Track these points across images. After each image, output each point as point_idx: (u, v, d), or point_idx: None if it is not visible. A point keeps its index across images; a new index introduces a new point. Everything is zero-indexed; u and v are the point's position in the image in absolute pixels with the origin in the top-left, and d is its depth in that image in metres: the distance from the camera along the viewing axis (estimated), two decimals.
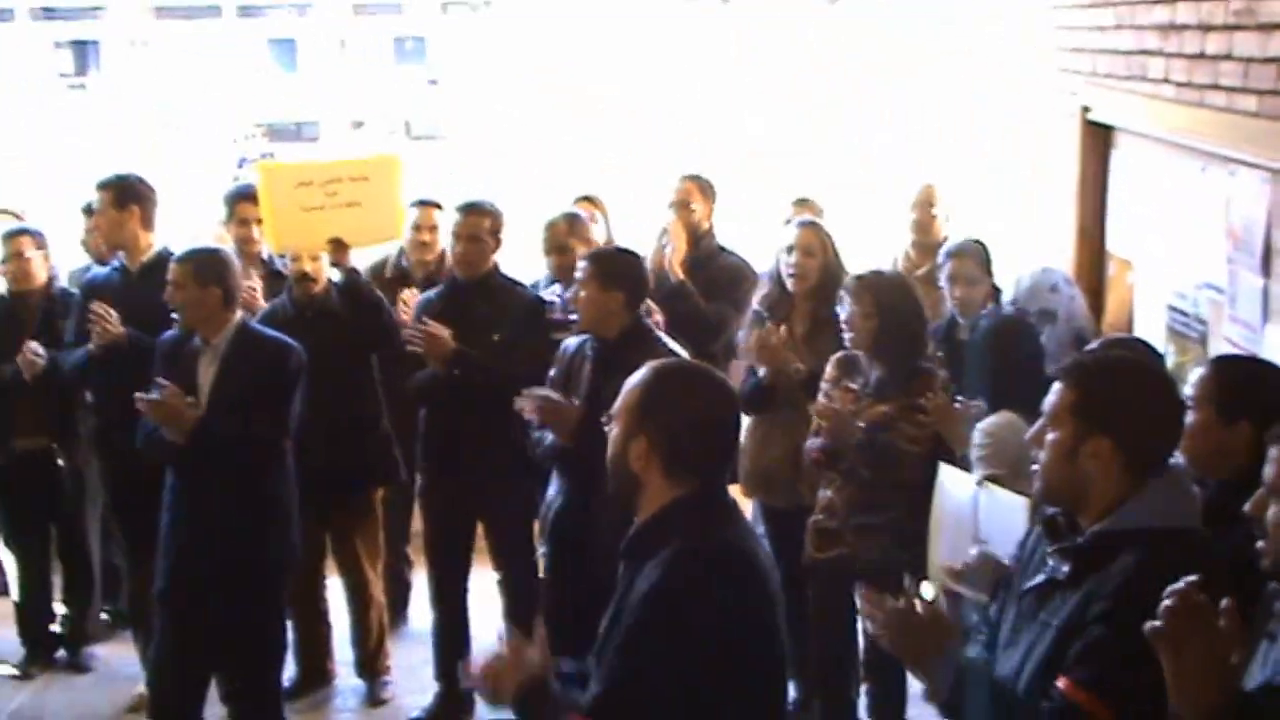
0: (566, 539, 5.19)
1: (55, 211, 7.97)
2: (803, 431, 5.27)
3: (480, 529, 6.15)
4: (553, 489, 5.31)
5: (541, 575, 5.72)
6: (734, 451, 3.12)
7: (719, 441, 3.07)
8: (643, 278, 5.19)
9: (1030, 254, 6.33)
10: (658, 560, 2.88)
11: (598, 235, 6.77)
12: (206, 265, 5.21)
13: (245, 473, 5.15)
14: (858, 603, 3.13)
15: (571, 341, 5.29)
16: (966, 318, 5.67)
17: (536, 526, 6.15)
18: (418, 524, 6.53)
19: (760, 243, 6.84)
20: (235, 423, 5.06)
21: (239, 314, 5.29)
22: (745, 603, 2.89)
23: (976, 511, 4.37)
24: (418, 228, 6.69)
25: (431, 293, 6.11)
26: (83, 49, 39.80)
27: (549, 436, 5.16)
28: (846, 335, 5.14)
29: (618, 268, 5.11)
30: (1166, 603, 2.38)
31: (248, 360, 5.18)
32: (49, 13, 38.37)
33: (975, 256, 5.85)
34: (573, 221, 6.26)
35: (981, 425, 4.57)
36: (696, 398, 3.03)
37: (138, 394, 4.98)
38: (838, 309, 5.18)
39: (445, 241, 6.54)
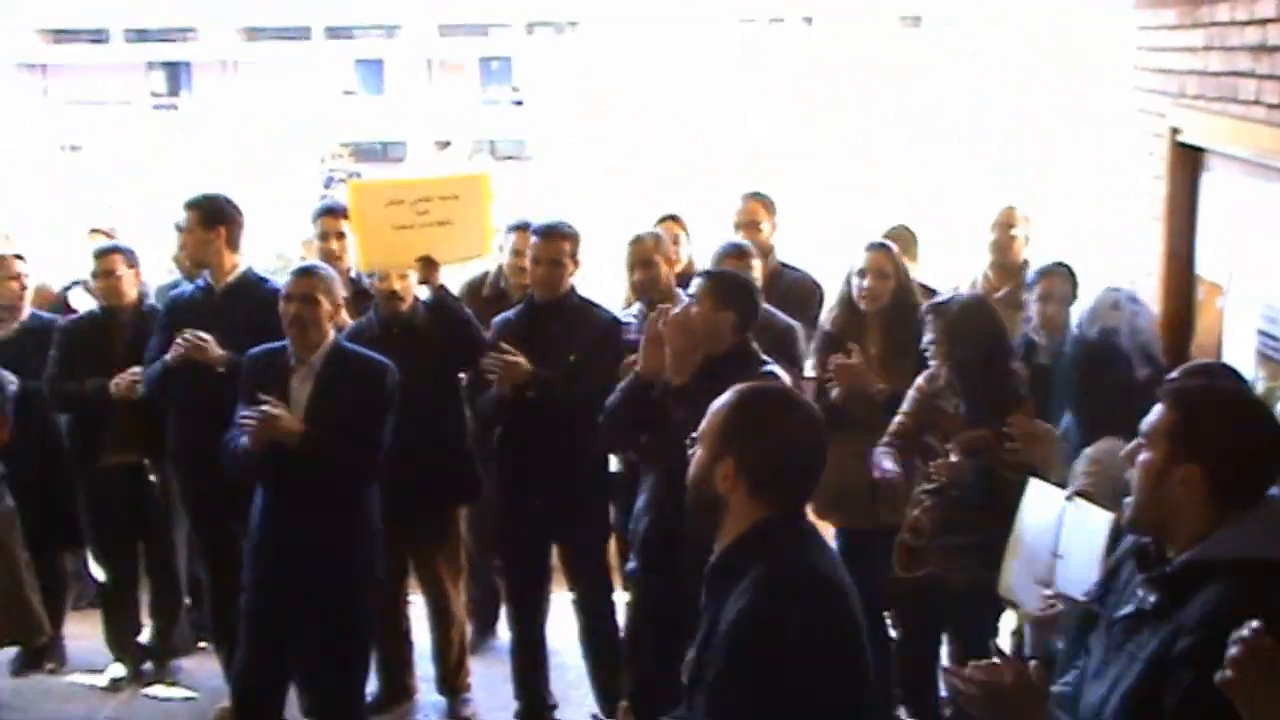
0: (655, 555, 5.20)
1: (147, 229, 8.09)
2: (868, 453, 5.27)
3: (556, 549, 6.16)
4: (640, 503, 5.31)
5: (627, 592, 5.72)
6: (819, 474, 3.10)
7: (805, 464, 3.07)
8: (755, 300, 5.12)
9: (1111, 277, 6.25)
10: (744, 586, 2.88)
11: (682, 254, 6.79)
12: (333, 282, 5.31)
13: (335, 491, 5.19)
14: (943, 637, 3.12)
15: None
16: (1050, 338, 5.63)
17: (613, 544, 6.19)
18: None
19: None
20: (334, 441, 5.10)
21: (333, 332, 5.35)
22: (833, 627, 2.90)
23: (1060, 526, 4.33)
24: (517, 253, 6.61)
25: (510, 313, 6.13)
26: (174, 70, 40.40)
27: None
28: (931, 362, 5.13)
29: (732, 288, 5.07)
30: (1232, 651, 2.35)
31: (344, 379, 5.22)
32: (142, 34, 38.97)
33: (1067, 277, 5.83)
34: (658, 239, 6.27)
35: (1088, 451, 4.50)
36: (783, 420, 3.04)
37: (244, 411, 5.00)
38: (925, 335, 5.17)
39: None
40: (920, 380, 5.27)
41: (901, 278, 5.89)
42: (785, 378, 4.98)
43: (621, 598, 6.04)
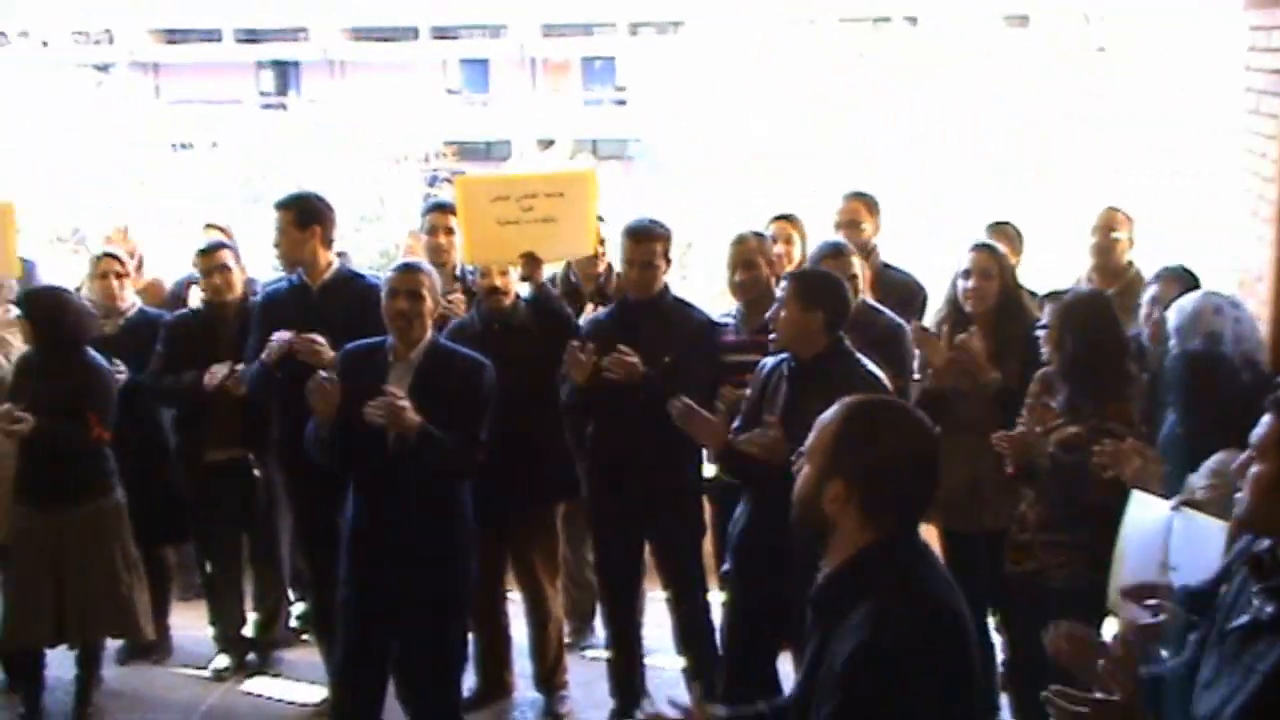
0: (752, 558, 5.16)
1: (256, 227, 8.18)
2: (984, 455, 5.18)
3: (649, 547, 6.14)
4: (740, 507, 5.28)
5: (724, 594, 5.69)
6: (934, 492, 3.00)
7: (919, 483, 2.95)
8: (844, 299, 5.08)
9: (1215, 281, 6.11)
10: (856, 619, 2.78)
11: (795, 255, 6.74)
12: (435, 278, 5.33)
13: (430, 487, 5.19)
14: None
15: (769, 360, 5.24)
16: (1153, 344, 5.52)
17: (709, 544, 6.16)
18: None
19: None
20: (446, 437, 5.09)
21: (432, 330, 5.36)
22: (948, 663, 2.81)
23: (1168, 537, 4.23)
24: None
25: (600, 313, 6.12)
26: (283, 69, 40.95)
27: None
28: (1044, 354, 5.06)
29: (819, 287, 5.04)
30: None
31: (442, 376, 5.21)
32: (252, 34, 39.55)
33: (1182, 281, 5.70)
34: (761, 239, 6.22)
35: (1209, 464, 4.38)
36: (896, 437, 2.91)
37: (368, 403, 4.99)
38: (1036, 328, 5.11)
39: (610, 257, 6.59)
40: (1034, 385, 5.18)
41: (1007, 278, 5.81)
42: (884, 378, 4.96)
43: (718, 597, 6.01)
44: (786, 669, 5.24)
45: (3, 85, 28.24)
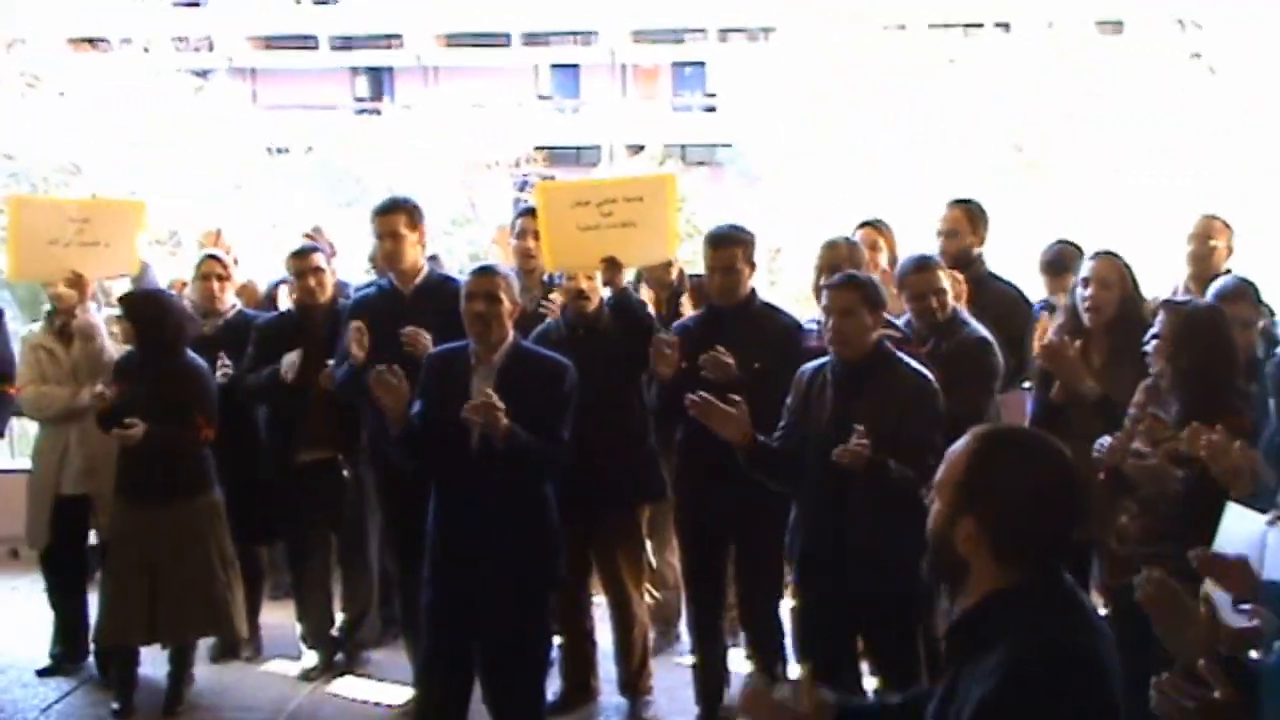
0: (813, 560, 5.16)
1: (348, 231, 8.27)
2: (1089, 464, 5.12)
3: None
4: (793, 518, 5.28)
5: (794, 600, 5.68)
6: (1074, 531, 2.79)
7: (1058, 523, 2.74)
8: (884, 300, 5.16)
9: None
10: (990, 664, 2.62)
11: (882, 261, 6.70)
12: (512, 280, 5.36)
13: (514, 489, 5.20)
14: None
15: (808, 367, 5.25)
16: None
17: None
18: None
19: None
20: (533, 440, 5.11)
21: (513, 332, 5.37)
22: (1087, 713, 2.64)
23: (1263, 550, 4.15)
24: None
25: (689, 318, 6.11)
26: (378, 75, 41.31)
27: None
28: (1150, 363, 4.98)
29: (877, 293, 5.10)
30: None
31: (524, 379, 5.21)
32: (347, 40, 39.95)
33: (1245, 298, 5.61)
34: (852, 246, 6.19)
35: None
36: (1033, 473, 2.70)
37: (467, 405, 5.01)
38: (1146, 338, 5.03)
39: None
40: (1138, 395, 5.09)
41: (1127, 287, 5.65)
42: (930, 376, 5.04)
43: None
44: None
45: (106, 91, 28.72)
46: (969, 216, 6.75)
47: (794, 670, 5.63)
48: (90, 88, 28.75)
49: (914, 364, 5.11)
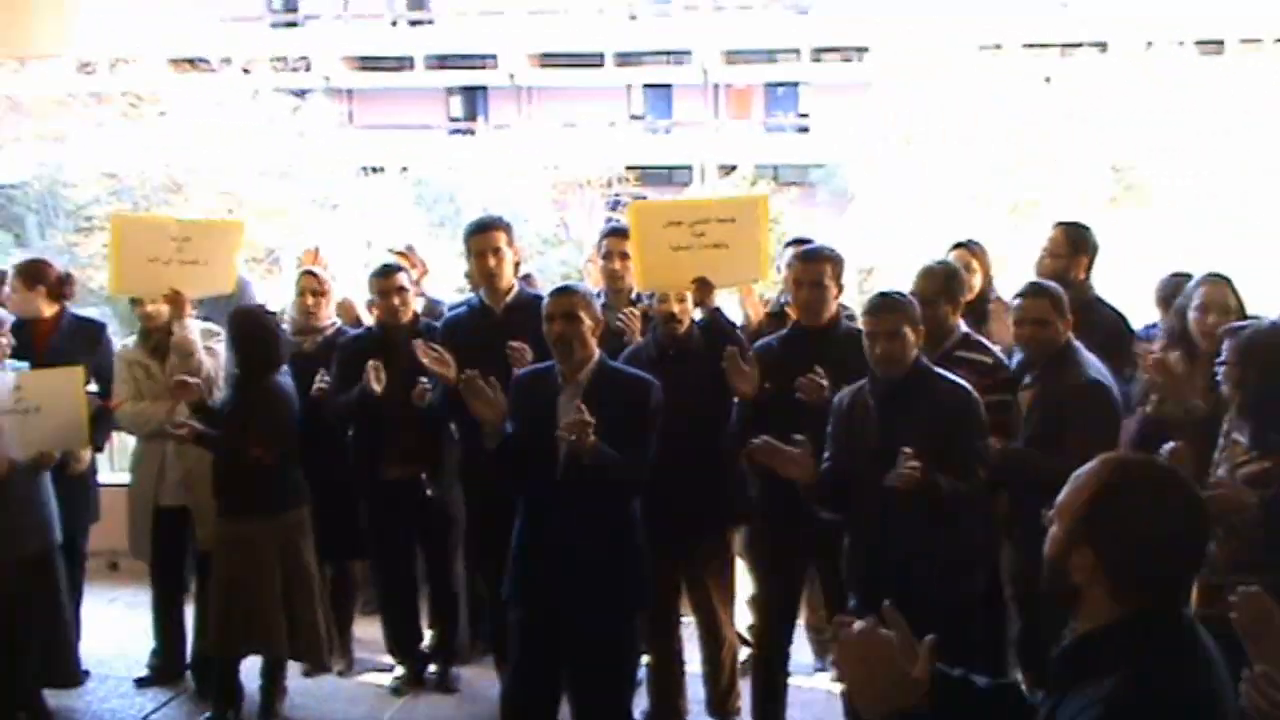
0: (868, 584, 5.14)
1: (443, 249, 8.34)
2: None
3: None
4: (848, 539, 5.26)
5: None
6: (1197, 569, 2.72)
7: (1181, 562, 2.65)
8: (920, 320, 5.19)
9: None
10: (1095, 695, 2.54)
11: (976, 283, 6.64)
12: (592, 298, 5.38)
13: (602, 507, 5.20)
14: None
15: (844, 392, 5.25)
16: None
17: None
18: None
19: None
20: (617, 458, 5.10)
21: (598, 350, 5.38)
22: None
23: None
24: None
25: (772, 338, 6.09)
26: (472, 95, 41.64)
27: None
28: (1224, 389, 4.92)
29: (918, 312, 5.15)
30: None
31: (610, 397, 5.20)
32: (442, 61, 40.31)
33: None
34: (951, 272, 6.16)
35: None
36: (1160, 510, 2.61)
37: (564, 423, 5.01)
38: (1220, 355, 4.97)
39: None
40: (1225, 423, 5.02)
41: (1242, 312, 5.54)
42: (970, 388, 5.07)
43: None
44: None
45: (206, 111, 29.20)
46: (1069, 239, 6.66)
47: None
48: (191, 108, 29.24)
49: (950, 376, 5.14)
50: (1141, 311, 6.84)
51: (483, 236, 6.30)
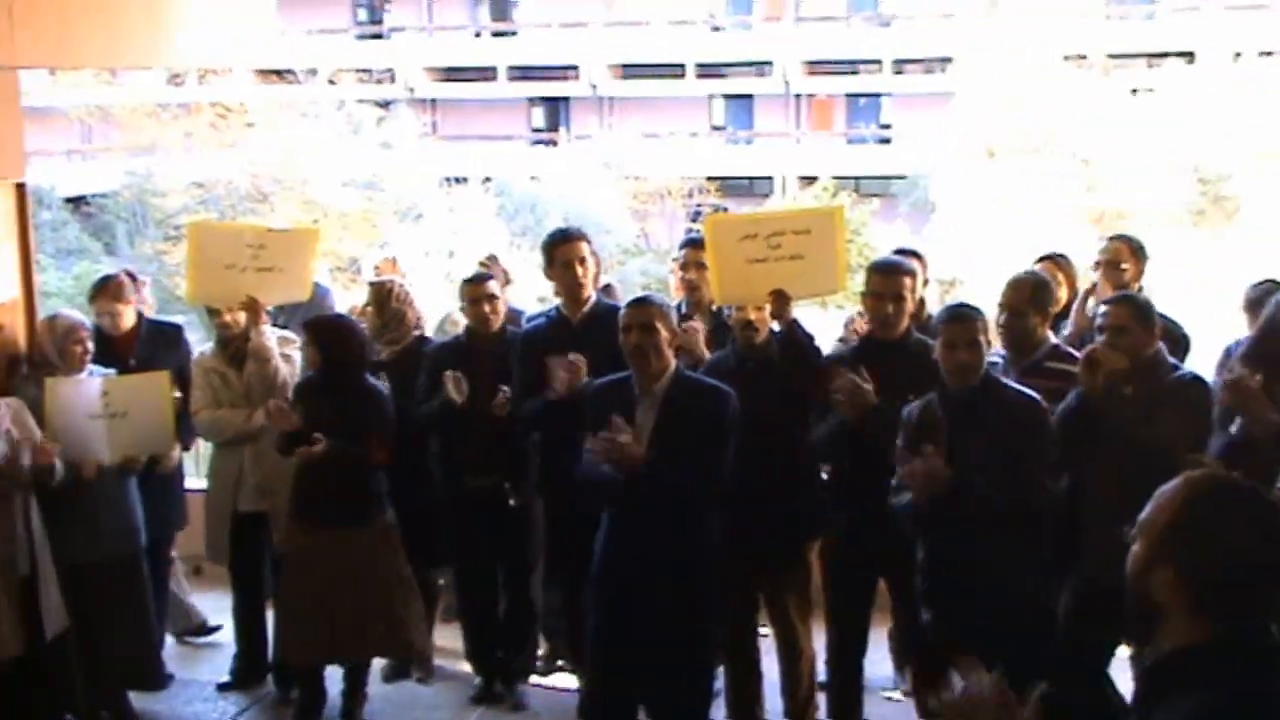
0: (941, 599, 5.12)
1: (524, 259, 8.39)
2: None
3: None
4: (921, 553, 5.22)
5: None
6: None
7: (1265, 582, 2.59)
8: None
9: None
10: (1178, 716, 2.52)
11: (1061, 296, 6.60)
12: (669, 309, 5.39)
13: (681, 518, 5.20)
14: None
15: (913, 405, 5.22)
16: None
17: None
18: None
19: None
20: (676, 469, 5.11)
21: (675, 361, 5.38)
22: None
23: None
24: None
25: (842, 350, 6.06)
26: (554, 106, 41.85)
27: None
28: None
29: (988, 323, 5.16)
30: None
31: (687, 408, 5.22)
32: (524, 72, 40.56)
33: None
34: (1040, 282, 6.11)
35: None
36: (1244, 529, 2.58)
37: (594, 435, 5.06)
38: None
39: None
40: None
41: None
42: (1038, 398, 5.05)
43: None
44: None
45: (292, 121, 29.55)
46: (1131, 249, 6.67)
47: None
48: (277, 118, 29.60)
49: (1019, 388, 5.12)
50: (1227, 327, 6.75)
51: (566, 247, 6.34)
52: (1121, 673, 5.66)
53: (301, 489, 6.44)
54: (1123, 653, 5.39)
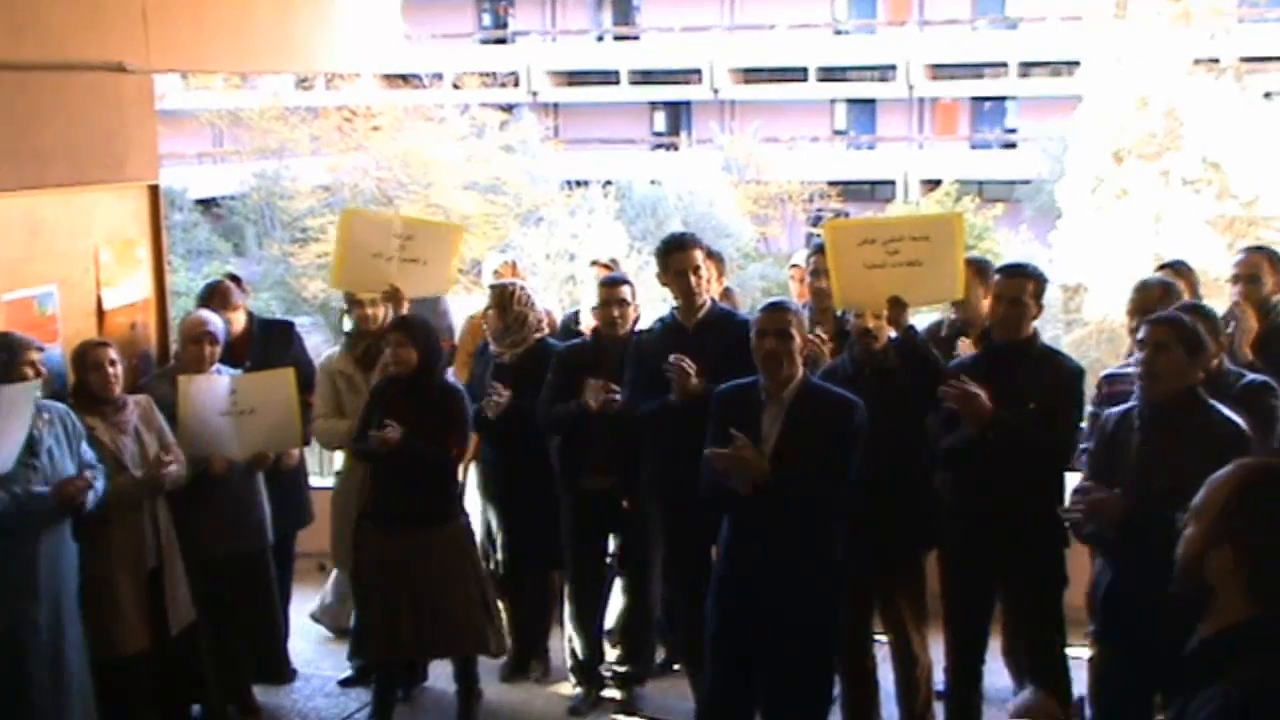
0: (1120, 618, 5.01)
1: (644, 263, 8.41)
2: None
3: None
4: (1098, 565, 5.15)
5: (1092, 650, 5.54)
6: None
7: None
8: (1204, 344, 5.00)
9: None
10: (1221, 694, 2.59)
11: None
12: (803, 316, 5.39)
13: (806, 527, 5.18)
14: None
15: (1113, 411, 5.12)
16: None
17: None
18: None
19: None
20: (801, 479, 5.10)
21: (803, 368, 5.36)
22: None
23: None
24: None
25: (967, 356, 6.02)
26: (675, 110, 41.93)
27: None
28: None
29: (1196, 335, 4.94)
30: None
31: (813, 416, 5.19)
32: (646, 76, 40.71)
33: None
34: (1166, 288, 6.03)
35: None
36: None
37: (717, 447, 5.06)
38: None
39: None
40: None
41: None
42: (1242, 424, 4.86)
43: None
44: None
45: (417, 125, 29.91)
46: (1269, 261, 6.52)
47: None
48: (402, 122, 29.97)
49: (1224, 409, 4.93)
50: None
51: (683, 255, 6.34)
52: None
53: (378, 492, 6.49)
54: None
